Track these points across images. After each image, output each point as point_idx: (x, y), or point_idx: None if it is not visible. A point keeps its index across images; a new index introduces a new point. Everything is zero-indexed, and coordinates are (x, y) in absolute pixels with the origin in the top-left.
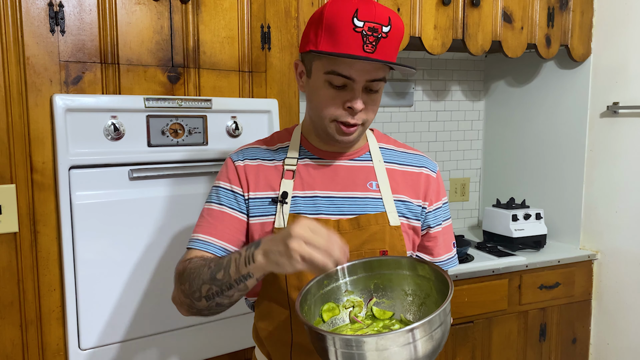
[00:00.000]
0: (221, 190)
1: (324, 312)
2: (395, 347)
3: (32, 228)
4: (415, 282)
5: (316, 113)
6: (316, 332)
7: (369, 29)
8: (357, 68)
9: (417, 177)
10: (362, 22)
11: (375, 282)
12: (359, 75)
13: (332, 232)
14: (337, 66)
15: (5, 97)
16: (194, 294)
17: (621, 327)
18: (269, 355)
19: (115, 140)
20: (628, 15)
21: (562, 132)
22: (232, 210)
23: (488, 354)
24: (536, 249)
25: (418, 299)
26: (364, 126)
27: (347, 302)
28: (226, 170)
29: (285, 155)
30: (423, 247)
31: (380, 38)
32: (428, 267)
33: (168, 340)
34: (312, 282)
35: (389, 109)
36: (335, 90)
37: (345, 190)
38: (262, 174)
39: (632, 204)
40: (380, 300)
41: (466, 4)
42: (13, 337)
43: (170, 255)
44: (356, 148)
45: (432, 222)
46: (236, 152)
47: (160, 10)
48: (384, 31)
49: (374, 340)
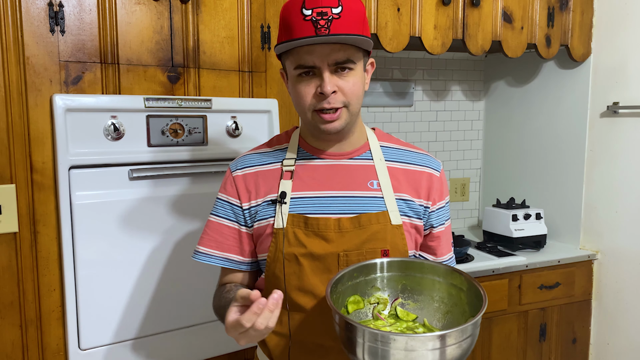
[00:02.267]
0: (219, 202)
1: (350, 304)
2: (424, 349)
3: (32, 228)
4: (447, 290)
5: (300, 109)
6: (347, 323)
7: (317, 14)
8: (317, 54)
9: (420, 175)
10: (310, 10)
11: (404, 283)
12: (320, 61)
13: (245, 316)
14: (300, 59)
15: (5, 97)
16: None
17: (621, 327)
18: (270, 355)
19: (115, 140)
20: (628, 15)
21: (562, 132)
22: (230, 221)
23: (488, 354)
24: (536, 249)
25: (445, 307)
26: (349, 110)
27: (373, 298)
28: (225, 181)
29: (284, 157)
30: (426, 246)
31: (332, 20)
32: (463, 278)
33: (168, 340)
34: (344, 272)
35: (389, 109)
36: (306, 82)
37: (345, 189)
38: (261, 180)
39: (632, 204)
40: (406, 302)
41: (466, 4)
42: (13, 337)
43: (170, 255)
44: (355, 146)
45: (436, 221)
46: (235, 161)
47: (160, 10)
48: (335, 12)
49: (404, 340)
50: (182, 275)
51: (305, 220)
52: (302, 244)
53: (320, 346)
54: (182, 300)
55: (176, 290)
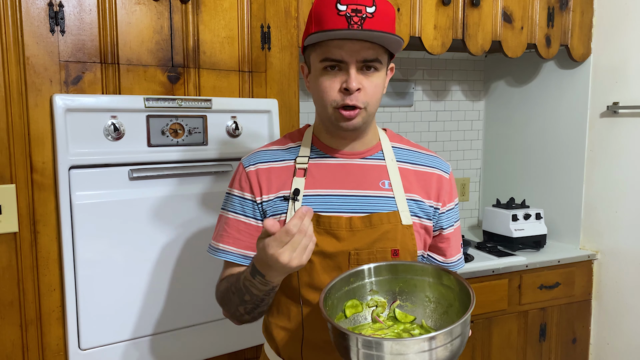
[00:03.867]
0: (233, 197)
1: (347, 308)
2: (413, 352)
3: (32, 228)
4: (439, 291)
5: (319, 104)
6: (339, 331)
7: (352, 10)
8: (346, 49)
9: (430, 177)
10: (345, 6)
11: (401, 285)
12: (349, 56)
13: (287, 227)
14: (328, 52)
15: (5, 97)
16: (235, 314)
17: (621, 327)
18: (278, 351)
19: (115, 140)
20: (628, 15)
21: (562, 132)
22: (246, 217)
23: (488, 354)
24: (536, 249)
25: (440, 307)
26: (368, 111)
27: (371, 301)
28: (238, 176)
29: (297, 155)
30: (436, 248)
31: (365, 18)
32: (453, 278)
33: (168, 340)
34: (338, 279)
35: (389, 109)
36: (331, 76)
37: (357, 188)
38: (274, 176)
39: (632, 204)
40: (404, 304)
41: (466, 4)
42: (13, 337)
43: (170, 255)
44: (368, 146)
45: (445, 223)
46: (247, 157)
47: (160, 10)
48: (369, 12)
49: (391, 344)
50: (182, 275)
51: (317, 218)
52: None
53: (329, 342)
54: (182, 300)
55: (176, 290)
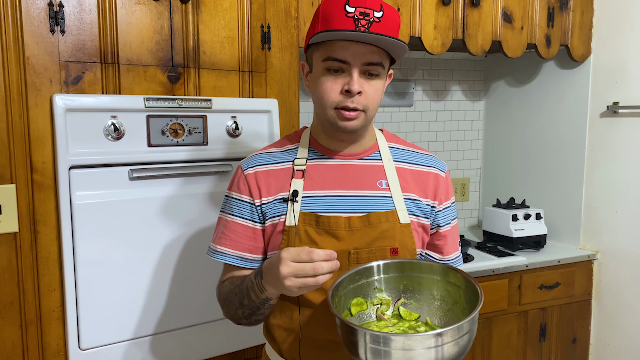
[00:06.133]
0: (232, 200)
1: (353, 306)
2: (422, 348)
3: (32, 228)
4: (445, 288)
5: (319, 103)
6: (347, 326)
7: (360, 13)
8: (351, 51)
9: (427, 176)
10: (354, 8)
11: (405, 283)
12: (353, 58)
13: (312, 250)
14: (332, 52)
15: (5, 97)
16: (234, 317)
17: (621, 327)
18: (280, 351)
19: (115, 140)
20: (628, 15)
21: (562, 132)
22: (244, 220)
23: (488, 354)
24: (536, 249)
25: (445, 305)
26: (367, 115)
27: (376, 299)
28: (236, 180)
29: (295, 156)
30: (433, 245)
31: (372, 22)
32: (460, 276)
33: (168, 340)
34: (345, 276)
35: (389, 109)
36: (334, 77)
37: (355, 188)
38: (272, 178)
39: (632, 204)
40: (408, 302)
41: (466, 4)
42: (13, 337)
43: (170, 255)
44: (365, 147)
45: (442, 221)
46: (246, 160)
47: (160, 10)
48: (376, 16)
49: (402, 340)
50: (182, 275)
51: (317, 219)
52: (313, 242)
53: (331, 341)
54: (182, 300)
55: (176, 290)
